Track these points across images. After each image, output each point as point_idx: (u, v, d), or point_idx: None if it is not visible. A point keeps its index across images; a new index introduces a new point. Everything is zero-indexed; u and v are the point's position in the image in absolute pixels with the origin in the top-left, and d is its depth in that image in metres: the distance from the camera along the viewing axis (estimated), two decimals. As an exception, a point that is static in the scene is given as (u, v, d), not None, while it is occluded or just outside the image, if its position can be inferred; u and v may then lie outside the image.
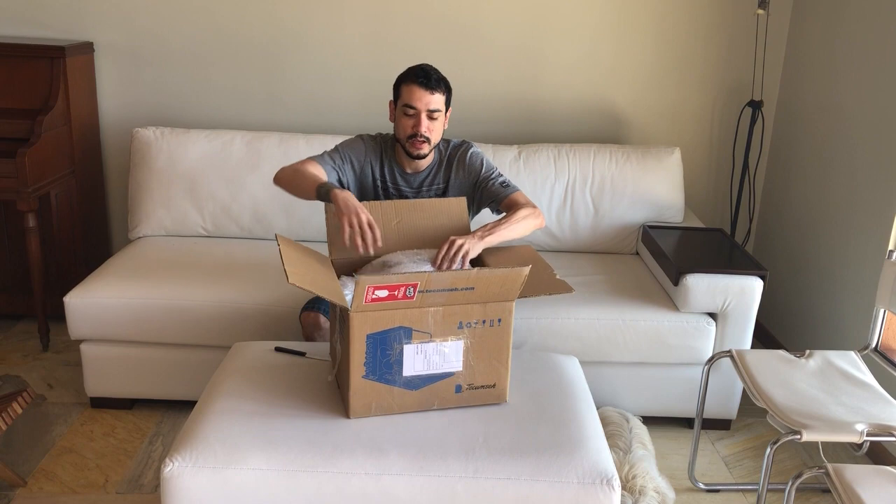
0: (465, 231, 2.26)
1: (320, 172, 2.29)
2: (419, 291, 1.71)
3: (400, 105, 2.32)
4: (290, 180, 2.28)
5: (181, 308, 2.64)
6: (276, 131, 3.25)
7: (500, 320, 1.85)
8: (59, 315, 2.71)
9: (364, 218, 2.07)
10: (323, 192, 2.16)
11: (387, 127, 2.63)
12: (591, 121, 3.53)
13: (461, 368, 1.85)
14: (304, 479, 1.71)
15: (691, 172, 3.55)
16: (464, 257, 2.12)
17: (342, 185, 2.37)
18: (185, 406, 2.76)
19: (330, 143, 3.17)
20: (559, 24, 3.41)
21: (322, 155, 2.38)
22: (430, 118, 2.29)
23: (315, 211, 3.13)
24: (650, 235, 3.02)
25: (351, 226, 2.07)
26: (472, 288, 1.76)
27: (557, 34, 3.43)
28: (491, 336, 1.85)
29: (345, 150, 2.41)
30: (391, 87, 2.39)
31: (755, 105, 3.41)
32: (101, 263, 2.93)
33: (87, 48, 3.34)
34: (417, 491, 1.71)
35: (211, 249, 3.05)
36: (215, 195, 3.12)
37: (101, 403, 2.82)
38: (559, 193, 3.17)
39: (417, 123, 2.28)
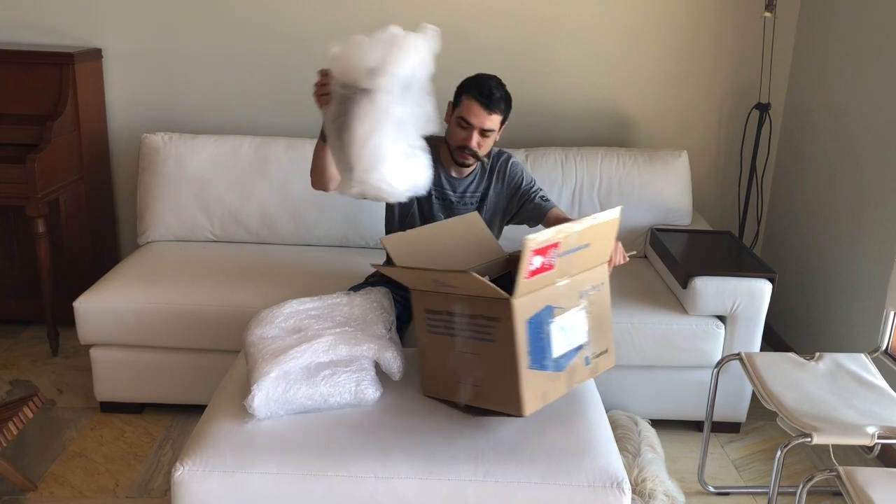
0: (492, 240, 2.25)
1: None
2: (558, 255, 1.75)
3: (457, 114, 2.31)
4: (312, 165, 2.22)
5: (190, 312, 2.65)
6: (284, 136, 3.26)
7: (602, 283, 1.96)
8: (69, 320, 2.72)
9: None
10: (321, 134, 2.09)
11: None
12: (599, 124, 3.53)
13: (587, 339, 1.91)
14: (314, 482, 1.71)
15: (699, 175, 3.55)
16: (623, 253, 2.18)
17: None
18: (194, 410, 2.76)
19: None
20: (566, 28, 3.42)
21: None
22: (483, 135, 2.29)
23: (322, 216, 3.13)
24: (658, 238, 3.02)
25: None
26: (588, 244, 1.84)
27: (565, 37, 3.43)
28: (599, 300, 1.95)
29: None
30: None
31: (762, 107, 3.40)
32: (110, 268, 2.94)
33: (95, 54, 3.36)
34: (427, 494, 1.71)
35: (219, 254, 3.06)
36: (223, 200, 3.13)
37: (110, 408, 2.83)
38: (567, 197, 3.17)
39: (469, 138, 2.28)
